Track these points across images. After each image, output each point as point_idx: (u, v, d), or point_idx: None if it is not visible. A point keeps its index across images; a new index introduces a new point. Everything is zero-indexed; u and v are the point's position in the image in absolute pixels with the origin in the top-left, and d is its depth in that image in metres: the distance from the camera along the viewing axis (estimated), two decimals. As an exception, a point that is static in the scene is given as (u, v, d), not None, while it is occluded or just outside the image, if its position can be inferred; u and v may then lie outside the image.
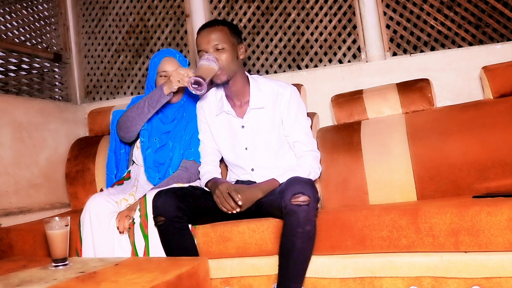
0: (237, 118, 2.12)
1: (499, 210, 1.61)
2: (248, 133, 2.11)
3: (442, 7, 2.77)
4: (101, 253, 1.91)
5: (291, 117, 2.08)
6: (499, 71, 2.36)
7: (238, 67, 2.05)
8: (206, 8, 3.20)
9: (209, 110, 2.19)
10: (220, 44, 1.98)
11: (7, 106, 2.78)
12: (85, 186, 2.79)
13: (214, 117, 2.18)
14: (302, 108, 2.13)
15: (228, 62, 1.99)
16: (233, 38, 2.03)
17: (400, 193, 2.25)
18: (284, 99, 2.08)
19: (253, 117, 2.10)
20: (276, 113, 2.09)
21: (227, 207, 1.86)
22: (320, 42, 2.98)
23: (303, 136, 2.07)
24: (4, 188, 2.66)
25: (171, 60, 2.23)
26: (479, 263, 1.64)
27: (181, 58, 2.27)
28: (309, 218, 1.69)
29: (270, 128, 2.10)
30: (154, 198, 1.82)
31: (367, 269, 1.77)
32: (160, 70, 2.22)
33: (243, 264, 1.92)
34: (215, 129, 2.18)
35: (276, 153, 2.11)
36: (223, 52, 1.98)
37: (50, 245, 1.57)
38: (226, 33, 2.01)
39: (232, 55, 2.01)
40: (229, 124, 2.14)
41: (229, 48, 2.00)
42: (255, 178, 2.10)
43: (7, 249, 2.26)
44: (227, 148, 2.17)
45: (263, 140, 2.10)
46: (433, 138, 2.28)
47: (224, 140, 2.17)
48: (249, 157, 2.12)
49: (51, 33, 3.43)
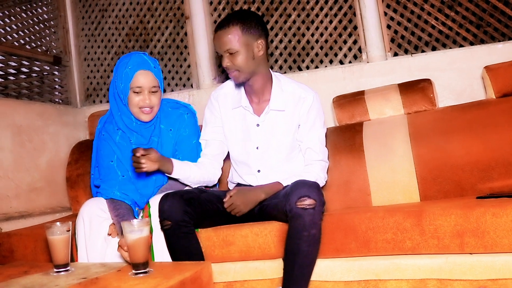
0: (253, 115, 2.08)
1: (504, 211, 1.60)
2: (262, 133, 2.08)
3: (443, 7, 2.75)
4: (93, 259, 1.88)
5: (309, 123, 2.06)
6: (501, 71, 2.35)
7: (257, 65, 2.00)
8: (206, 10, 3.19)
9: (224, 103, 2.14)
10: (232, 48, 1.93)
11: (7, 110, 2.76)
12: (86, 189, 2.78)
13: (229, 110, 2.13)
14: (321, 116, 2.10)
15: (243, 64, 1.95)
16: (247, 36, 1.94)
17: (403, 194, 2.24)
18: (305, 104, 2.05)
19: (271, 118, 2.07)
20: (295, 117, 2.06)
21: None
22: (321, 43, 2.97)
23: (317, 144, 2.05)
24: (4, 192, 2.64)
25: (147, 74, 1.98)
26: (484, 264, 1.63)
27: (156, 68, 2.04)
28: (315, 222, 1.68)
29: (286, 131, 2.07)
30: (161, 201, 1.80)
31: (371, 272, 1.76)
32: (134, 85, 1.96)
33: (246, 268, 1.91)
34: (229, 123, 2.14)
35: (286, 156, 2.09)
36: (237, 55, 1.94)
37: (51, 250, 1.55)
38: (237, 34, 1.93)
39: (247, 55, 1.95)
40: (244, 120, 2.11)
41: (243, 49, 1.94)
42: (259, 180, 2.08)
43: (8, 254, 2.25)
44: (237, 145, 2.13)
45: (276, 141, 2.07)
46: (436, 138, 2.27)
47: (236, 135, 2.13)
48: (259, 157, 2.09)
49: (50, 36, 3.42)
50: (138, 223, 1.46)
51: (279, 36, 3.04)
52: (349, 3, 2.91)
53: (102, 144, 2.14)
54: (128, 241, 1.44)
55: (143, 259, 1.44)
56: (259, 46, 1.98)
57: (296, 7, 3.02)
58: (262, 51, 1.99)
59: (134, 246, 1.44)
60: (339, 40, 2.93)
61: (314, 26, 2.97)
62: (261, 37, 1.99)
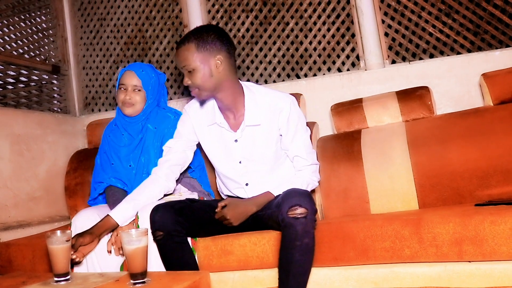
0: (230, 131, 2.03)
1: (503, 219, 1.60)
2: (242, 148, 2.03)
3: (440, 14, 2.77)
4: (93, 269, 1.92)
5: (290, 131, 2.01)
6: (499, 78, 2.36)
7: (218, 82, 1.92)
8: (204, 18, 3.20)
9: (198, 117, 2.09)
10: (188, 65, 1.89)
11: (6, 119, 2.77)
12: (85, 199, 2.77)
13: (205, 127, 2.08)
14: (302, 120, 2.05)
15: (201, 82, 1.89)
16: (203, 53, 1.88)
17: (401, 202, 2.24)
18: (283, 114, 1.99)
19: (248, 133, 2.02)
20: (274, 128, 2.01)
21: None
22: (319, 51, 2.97)
23: (302, 150, 2.01)
24: (3, 202, 2.64)
25: (131, 74, 2.22)
26: (483, 272, 1.63)
27: (144, 73, 2.23)
28: (307, 231, 1.66)
29: (266, 143, 2.02)
30: (152, 212, 1.79)
31: (370, 280, 1.76)
32: (120, 82, 2.25)
33: (245, 277, 1.90)
34: (206, 140, 2.10)
35: (272, 166, 2.05)
36: (194, 73, 1.89)
37: (51, 260, 1.55)
38: (192, 51, 1.88)
39: (204, 73, 1.89)
40: (221, 136, 2.06)
41: (200, 66, 1.88)
42: (248, 193, 2.05)
43: (6, 264, 2.24)
44: (220, 161, 2.09)
45: (258, 155, 2.03)
46: (434, 146, 2.27)
47: (217, 152, 2.09)
48: (244, 170, 2.05)
49: (49, 45, 3.43)
50: (136, 233, 1.46)
51: (277, 44, 3.05)
52: (347, 11, 2.93)
53: (102, 139, 2.41)
54: (126, 251, 1.44)
55: (141, 269, 1.44)
56: (218, 62, 1.90)
57: (294, 15, 3.03)
58: (222, 67, 1.91)
59: (132, 256, 1.43)
60: (337, 48, 2.94)
61: (312, 34, 2.98)
62: (220, 52, 1.91)
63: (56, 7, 3.50)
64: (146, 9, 3.39)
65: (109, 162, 2.28)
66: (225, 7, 3.19)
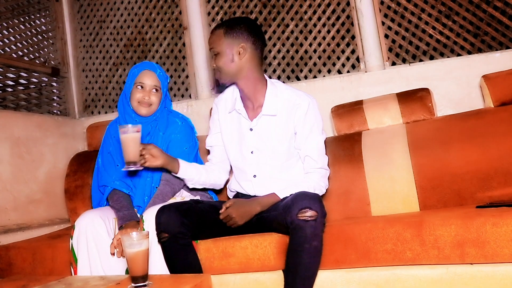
0: (247, 119, 2.08)
1: (504, 221, 1.59)
2: (256, 137, 2.07)
3: (440, 16, 2.77)
4: (95, 272, 1.89)
5: (305, 130, 2.02)
6: (499, 80, 2.35)
7: (239, 69, 2.00)
8: (204, 21, 3.20)
9: (224, 107, 2.18)
10: (214, 49, 2.01)
11: (5, 122, 2.76)
12: (85, 201, 2.77)
13: (226, 114, 2.16)
14: (319, 122, 2.06)
15: (222, 65, 2.00)
16: (228, 39, 1.99)
17: (402, 204, 2.24)
18: (300, 111, 2.02)
19: (263, 123, 2.06)
20: (290, 123, 2.04)
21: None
22: (319, 53, 2.97)
23: (315, 151, 2.01)
24: (2, 205, 2.63)
25: (151, 74, 2.18)
26: (485, 275, 1.62)
27: (161, 74, 2.22)
28: (316, 234, 1.66)
29: (280, 136, 2.05)
30: (157, 214, 1.79)
31: (372, 282, 1.76)
32: (138, 81, 2.16)
33: (246, 279, 1.89)
34: (225, 127, 2.16)
35: (282, 163, 2.06)
36: (218, 56, 2.00)
37: (124, 149, 1.76)
38: (220, 36, 2.00)
39: (226, 58, 1.99)
40: (238, 124, 2.11)
41: (224, 51, 1.99)
42: (255, 186, 2.07)
43: (6, 268, 2.23)
44: (234, 149, 2.14)
45: (270, 147, 2.05)
46: (435, 147, 2.27)
47: (232, 139, 2.14)
48: (254, 161, 2.08)
49: (48, 48, 3.42)
50: (137, 236, 1.45)
51: (277, 46, 3.05)
52: (347, 13, 2.93)
53: (106, 140, 2.33)
54: (127, 254, 1.43)
55: (143, 272, 1.43)
56: (241, 49, 1.99)
57: (294, 17, 3.03)
58: (244, 56, 2.00)
59: (133, 259, 1.43)
60: (337, 50, 2.94)
61: (312, 36, 2.98)
62: (245, 42, 2.00)
63: (55, 9, 3.50)
64: (146, 11, 3.39)
65: (113, 164, 2.22)
66: (225, 9, 3.19)
